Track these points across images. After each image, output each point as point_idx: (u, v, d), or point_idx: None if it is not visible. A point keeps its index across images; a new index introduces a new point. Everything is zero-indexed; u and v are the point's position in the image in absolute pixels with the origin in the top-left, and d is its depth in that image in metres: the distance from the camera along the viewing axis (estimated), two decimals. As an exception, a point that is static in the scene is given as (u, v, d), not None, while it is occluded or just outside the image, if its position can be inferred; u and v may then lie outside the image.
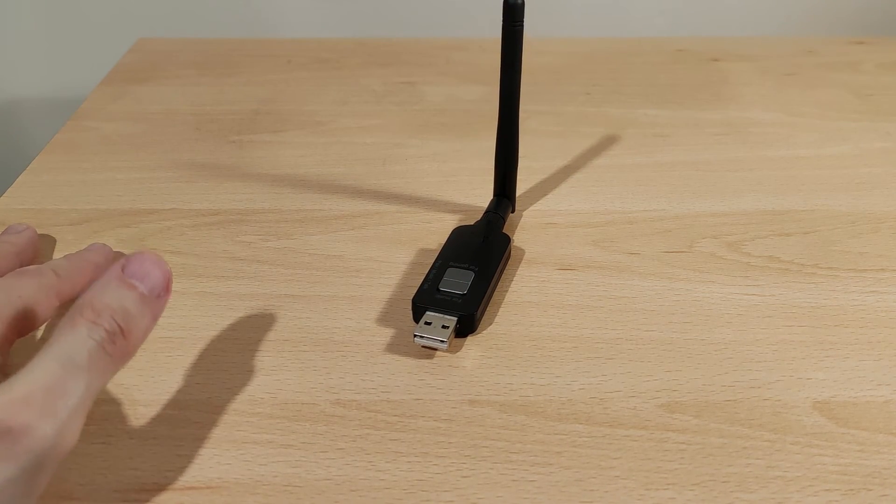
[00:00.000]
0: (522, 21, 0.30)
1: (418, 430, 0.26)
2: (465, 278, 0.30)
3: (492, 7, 0.60)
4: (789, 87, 0.49)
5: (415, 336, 0.28)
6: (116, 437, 0.25)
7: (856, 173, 0.39)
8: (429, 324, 0.28)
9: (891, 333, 0.29)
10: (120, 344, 0.22)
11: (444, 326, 0.28)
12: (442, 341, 0.28)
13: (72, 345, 0.21)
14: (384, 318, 0.30)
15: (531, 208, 0.37)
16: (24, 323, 0.26)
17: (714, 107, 0.46)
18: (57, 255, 0.34)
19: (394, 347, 0.29)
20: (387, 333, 0.29)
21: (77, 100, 0.49)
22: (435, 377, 0.28)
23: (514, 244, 0.34)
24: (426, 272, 0.31)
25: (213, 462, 0.25)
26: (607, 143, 0.43)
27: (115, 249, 0.34)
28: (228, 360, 0.28)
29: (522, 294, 0.31)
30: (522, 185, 0.38)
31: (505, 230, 0.34)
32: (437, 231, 0.35)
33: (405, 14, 0.63)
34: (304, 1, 0.63)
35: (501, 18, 0.30)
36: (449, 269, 0.30)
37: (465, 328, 0.29)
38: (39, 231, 0.35)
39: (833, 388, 0.27)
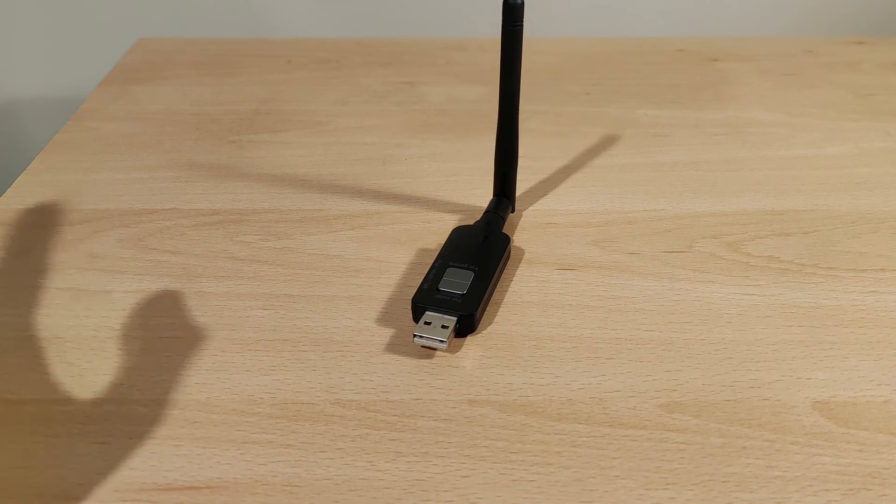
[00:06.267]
0: (522, 21, 0.30)
1: (418, 430, 0.26)
2: (464, 278, 0.30)
3: (491, 7, 0.60)
4: (789, 87, 0.49)
5: (414, 336, 0.28)
6: (116, 437, 0.25)
7: (856, 173, 0.39)
8: (428, 324, 0.28)
9: (891, 333, 0.29)
10: None
11: (443, 326, 0.28)
12: (441, 341, 0.28)
13: None
14: (384, 318, 0.30)
15: (531, 208, 0.37)
16: None
17: (714, 107, 0.46)
18: (57, 254, 0.34)
19: (393, 347, 0.29)
20: (386, 333, 0.30)
21: (77, 100, 0.49)
22: (435, 377, 0.28)
23: (514, 244, 0.34)
24: (426, 272, 0.31)
25: (212, 462, 0.25)
26: (607, 143, 0.43)
27: (114, 249, 0.34)
28: (228, 360, 0.28)
29: (522, 294, 0.31)
30: (522, 185, 0.38)
31: (505, 230, 0.34)
32: (437, 231, 0.35)
33: (405, 14, 0.63)
34: (304, 1, 0.63)
35: (501, 18, 0.30)
36: (449, 269, 0.30)
37: (465, 328, 0.29)
38: (39, 231, 0.35)
39: (833, 388, 0.27)
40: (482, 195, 0.37)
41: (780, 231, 0.35)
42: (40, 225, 0.36)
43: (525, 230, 0.35)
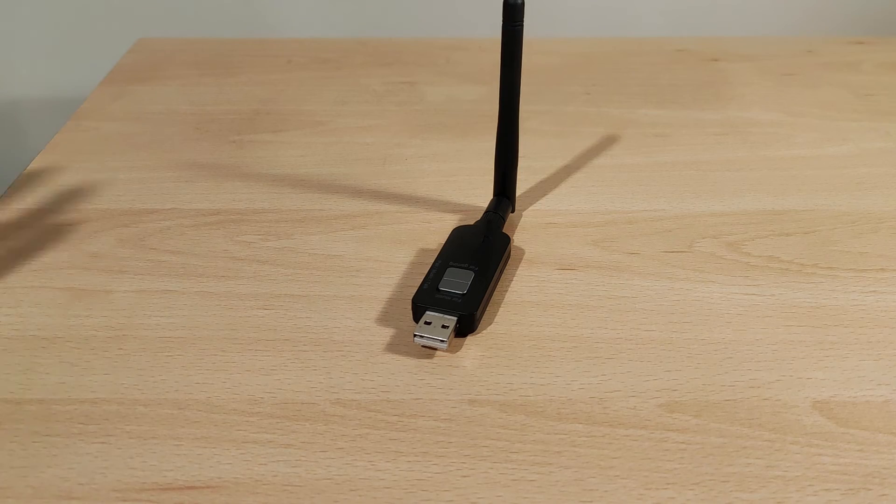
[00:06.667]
0: (522, 21, 0.30)
1: (418, 429, 0.26)
2: (464, 278, 0.30)
3: (491, 7, 0.60)
4: (789, 87, 0.49)
5: (415, 336, 0.28)
6: (116, 437, 0.25)
7: (856, 173, 0.39)
8: (429, 323, 0.28)
9: (891, 333, 0.29)
10: None
11: (443, 326, 0.28)
12: (442, 341, 0.28)
13: None
14: (384, 318, 0.30)
15: (531, 208, 0.37)
16: None
17: (714, 107, 0.46)
18: (57, 254, 0.34)
19: (394, 347, 0.29)
20: (387, 333, 0.30)
21: (77, 100, 0.49)
22: (435, 377, 0.28)
23: (514, 244, 0.34)
24: (426, 272, 0.31)
25: (213, 462, 0.25)
26: (607, 143, 0.43)
27: (114, 249, 0.34)
28: (228, 360, 0.28)
29: (522, 294, 0.31)
30: (522, 185, 0.38)
31: (505, 230, 0.34)
32: (437, 231, 0.35)
33: (405, 14, 0.63)
34: (304, 1, 0.63)
35: (501, 18, 0.30)
36: (449, 269, 0.30)
37: (465, 328, 0.29)
38: (40, 231, 0.35)
39: (833, 387, 0.27)
40: (482, 195, 0.37)
41: (780, 231, 0.35)
42: (40, 225, 0.36)
43: (525, 230, 0.35)
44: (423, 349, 0.29)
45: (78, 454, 0.25)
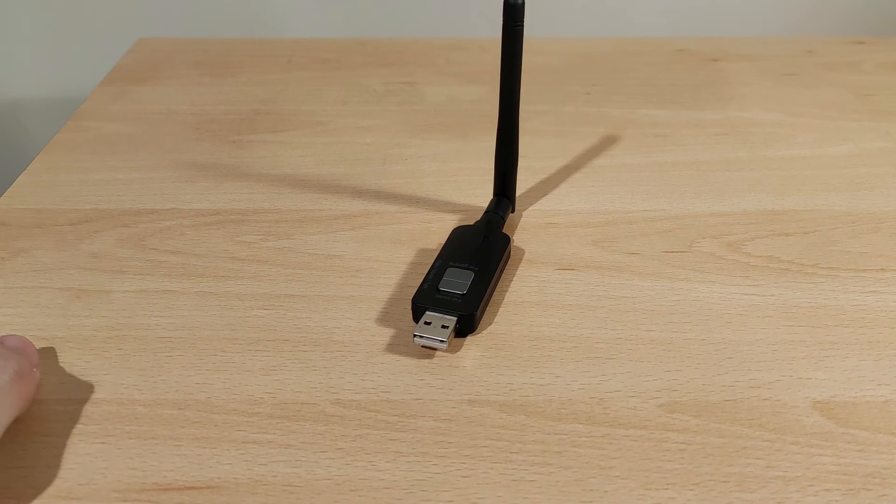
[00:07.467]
0: (522, 21, 0.30)
1: (418, 430, 0.26)
2: (464, 278, 0.30)
3: (491, 7, 0.60)
4: (789, 87, 0.49)
5: (414, 336, 0.28)
6: (116, 437, 0.25)
7: (856, 173, 0.39)
8: (428, 324, 0.28)
9: (891, 333, 0.29)
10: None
11: (443, 326, 0.28)
12: (442, 341, 0.28)
13: None
14: (384, 318, 0.30)
15: (531, 208, 0.37)
16: None
17: (714, 107, 0.46)
18: (57, 254, 0.34)
19: (394, 347, 0.29)
20: (387, 333, 0.30)
21: (77, 100, 0.49)
22: (435, 377, 0.28)
23: (514, 244, 0.34)
24: (426, 272, 0.31)
25: (212, 462, 0.25)
26: (607, 143, 0.43)
27: (114, 249, 0.34)
28: (228, 360, 0.28)
29: (522, 294, 0.31)
30: (522, 185, 0.38)
31: (505, 230, 0.34)
32: (437, 231, 0.35)
33: (405, 14, 0.63)
34: (304, 1, 0.63)
35: (501, 18, 0.30)
36: (449, 269, 0.30)
37: (465, 328, 0.29)
38: (39, 231, 0.35)
39: (833, 387, 0.27)
40: (482, 195, 0.37)
41: (780, 231, 0.35)
42: (40, 225, 0.36)
43: (525, 230, 0.35)
44: (423, 349, 0.29)
45: (78, 454, 0.25)
